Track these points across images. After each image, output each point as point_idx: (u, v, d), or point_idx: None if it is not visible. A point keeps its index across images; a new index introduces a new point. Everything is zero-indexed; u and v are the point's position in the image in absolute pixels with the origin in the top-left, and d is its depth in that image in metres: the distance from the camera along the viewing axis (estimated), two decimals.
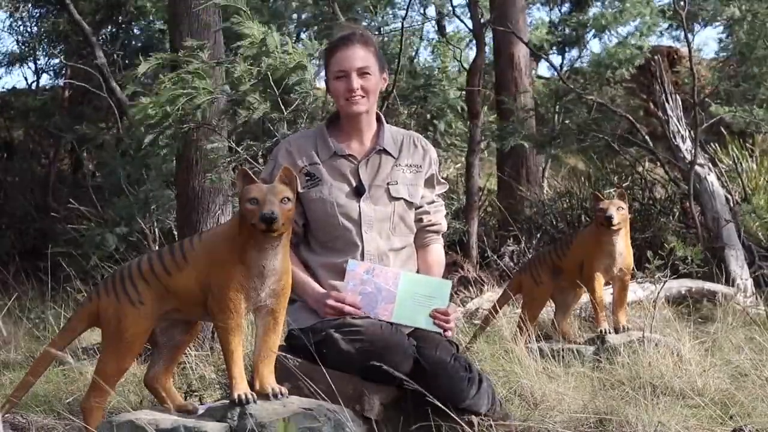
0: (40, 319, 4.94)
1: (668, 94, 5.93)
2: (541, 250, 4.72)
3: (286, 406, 2.10)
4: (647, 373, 3.00)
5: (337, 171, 2.59)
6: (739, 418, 2.62)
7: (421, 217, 2.69)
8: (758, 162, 6.62)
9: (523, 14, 8.01)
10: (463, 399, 2.38)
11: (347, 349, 2.38)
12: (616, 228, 3.49)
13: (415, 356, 2.42)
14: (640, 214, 6.43)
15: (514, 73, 7.72)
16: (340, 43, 2.60)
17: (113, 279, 2.24)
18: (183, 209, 4.60)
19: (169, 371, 2.30)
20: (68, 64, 9.14)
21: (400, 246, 2.62)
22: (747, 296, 5.10)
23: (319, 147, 2.62)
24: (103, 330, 2.24)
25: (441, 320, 2.52)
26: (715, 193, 5.71)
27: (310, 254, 2.60)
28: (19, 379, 2.74)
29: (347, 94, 2.56)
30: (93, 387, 2.22)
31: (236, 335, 2.09)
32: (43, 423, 2.89)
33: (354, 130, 2.63)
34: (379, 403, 2.39)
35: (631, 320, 3.82)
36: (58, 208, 7.85)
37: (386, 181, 2.61)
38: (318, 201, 2.57)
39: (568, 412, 2.67)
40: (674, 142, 5.86)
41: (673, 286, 4.79)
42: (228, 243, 2.11)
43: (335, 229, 2.56)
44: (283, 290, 2.14)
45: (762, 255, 5.57)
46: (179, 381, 3.25)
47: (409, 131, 2.77)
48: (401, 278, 2.51)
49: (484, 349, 3.54)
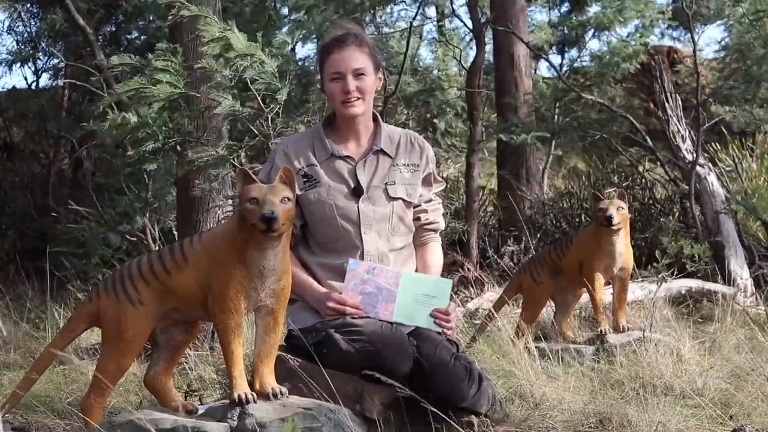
0: (40, 319, 4.94)
1: (668, 94, 5.93)
2: (541, 250, 4.73)
3: (286, 406, 2.10)
4: (647, 373, 3.00)
5: (335, 172, 2.59)
6: (739, 418, 2.62)
7: (419, 215, 2.69)
8: (758, 162, 6.62)
9: (523, 14, 8.00)
10: (463, 399, 2.38)
11: (347, 349, 2.38)
12: (616, 228, 3.49)
13: (416, 356, 2.42)
14: (640, 214, 6.43)
15: (514, 73, 7.71)
16: (335, 45, 2.59)
17: (113, 279, 2.24)
18: (183, 209, 4.60)
19: (169, 371, 2.30)
20: (68, 63, 9.14)
21: (400, 246, 2.62)
22: (747, 296, 5.10)
23: (316, 148, 2.62)
24: (103, 330, 2.24)
25: (441, 320, 2.53)
26: (715, 192, 5.71)
27: (308, 255, 2.60)
28: (18, 379, 2.73)
29: (343, 96, 2.56)
30: (93, 387, 2.22)
31: (236, 335, 2.09)
32: (43, 423, 2.89)
33: (351, 132, 2.63)
34: (379, 403, 2.39)
35: (631, 320, 3.82)
36: (58, 208, 7.85)
37: (384, 182, 2.61)
38: (316, 203, 2.57)
39: (568, 412, 2.67)
40: (674, 142, 5.86)
41: (673, 286, 4.79)
42: (228, 243, 2.11)
43: (335, 230, 2.56)
44: (283, 290, 2.14)
45: (762, 255, 5.58)
46: (179, 381, 3.25)
47: (405, 130, 2.77)
48: (402, 278, 2.51)
49: (484, 349, 3.53)
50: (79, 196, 7.33)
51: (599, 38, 10.62)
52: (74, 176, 9.70)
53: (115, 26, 9.64)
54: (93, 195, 6.52)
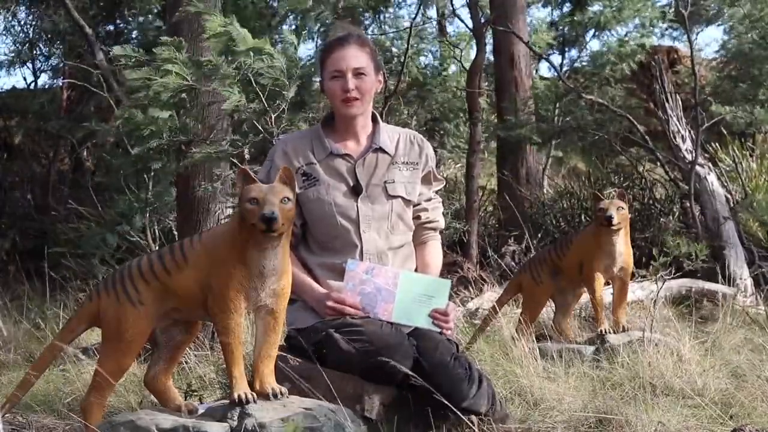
0: (40, 319, 4.94)
1: (668, 94, 5.92)
2: (541, 250, 4.72)
3: (286, 406, 2.10)
4: (647, 373, 3.00)
5: (334, 171, 2.59)
6: (739, 418, 2.62)
7: (419, 214, 2.70)
8: (758, 162, 6.61)
9: (523, 14, 8.00)
10: (463, 399, 2.38)
11: (347, 349, 2.38)
12: (616, 228, 3.49)
13: (415, 356, 2.42)
14: (640, 214, 6.43)
15: (514, 73, 7.71)
16: (336, 44, 2.60)
17: (113, 279, 2.24)
18: (183, 209, 4.61)
19: (169, 371, 2.30)
20: (67, 63, 9.14)
21: (399, 244, 2.62)
22: (747, 296, 5.10)
23: (315, 147, 2.62)
24: (103, 330, 2.24)
25: (440, 320, 2.53)
26: (715, 192, 5.71)
27: (308, 254, 2.60)
28: (18, 379, 2.73)
29: (343, 95, 2.56)
30: (93, 387, 2.22)
31: (236, 335, 2.09)
32: (43, 423, 2.89)
33: (349, 131, 2.64)
34: (379, 403, 2.39)
35: (631, 320, 3.82)
36: (58, 208, 7.85)
37: (383, 180, 2.61)
38: (316, 201, 2.57)
39: (568, 412, 2.67)
40: (674, 142, 5.86)
41: (673, 286, 4.79)
42: (228, 243, 2.11)
43: (334, 228, 2.56)
44: (283, 290, 2.14)
45: (762, 255, 5.57)
46: (179, 381, 3.25)
47: (405, 129, 2.77)
48: (400, 278, 2.52)
49: (484, 349, 3.53)
50: (79, 196, 7.33)
51: (599, 38, 10.63)
52: (74, 176, 9.71)
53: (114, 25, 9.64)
54: (93, 195, 6.52)
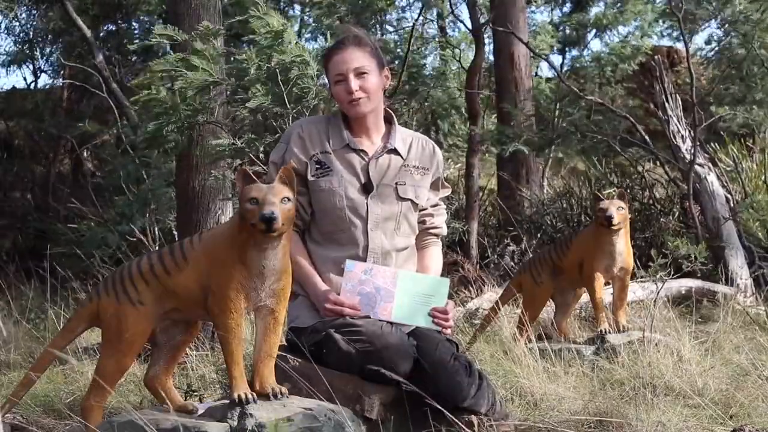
0: (40, 319, 4.94)
1: (668, 94, 5.92)
2: (541, 250, 4.72)
3: (286, 406, 2.09)
4: (647, 373, 3.00)
5: (348, 164, 2.59)
6: (739, 418, 2.62)
7: (424, 219, 2.70)
8: (758, 162, 6.61)
9: (523, 14, 8.00)
10: (463, 398, 2.38)
11: (347, 350, 2.38)
12: (616, 228, 3.49)
13: (415, 356, 2.42)
14: (640, 214, 6.43)
15: (514, 73, 7.72)
16: (335, 48, 2.61)
17: (113, 279, 2.23)
18: (183, 209, 4.61)
19: (169, 371, 2.30)
20: (67, 63, 9.14)
21: (403, 246, 2.62)
22: (747, 296, 5.10)
23: (332, 135, 2.62)
24: (103, 330, 2.23)
25: (440, 318, 2.53)
26: (715, 193, 5.70)
27: (311, 244, 2.60)
28: (19, 379, 2.74)
29: (348, 97, 2.57)
30: (93, 387, 2.22)
31: (236, 335, 2.09)
32: (43, 423, 2.89)
33: (362, 129, 2.64)
34: (379, 403, 2.39)
35: (631, 320, 3.82)
36: (58, 208, 7.85)
37: (395, 181, 2.61)
38: (327, 191, 2.57)
39: (568, 412, 2.67)
40: (674, 142, 5.85)
41: (673, 286, 4.79)
42: (228, 243, 2.11)
43: (341, 221, 2.56)
44: (283, 290, 2.14)
45: (762, 255, 5.57)
46: (179, 381, 3.25)
47: (418, 133, 2.78)
48: (399, 277, 2.52)
49: (484, 349, 3.53)
50: (79, 196, 7.32)
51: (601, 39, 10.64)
52: (74, 176, 9.71)
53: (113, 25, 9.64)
54: (93, 195, 6.53)
